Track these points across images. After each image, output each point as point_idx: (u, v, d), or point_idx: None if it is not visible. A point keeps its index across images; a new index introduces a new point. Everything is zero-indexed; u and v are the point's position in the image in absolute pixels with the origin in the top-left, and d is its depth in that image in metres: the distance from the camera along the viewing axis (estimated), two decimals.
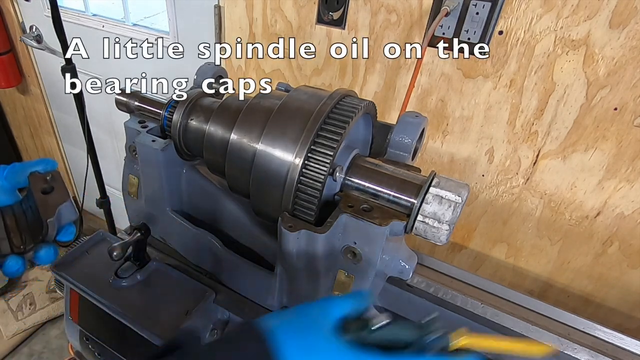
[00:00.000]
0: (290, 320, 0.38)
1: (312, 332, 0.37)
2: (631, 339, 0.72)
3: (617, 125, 0.90)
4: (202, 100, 0.73)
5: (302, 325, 0.38)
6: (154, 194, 0.77)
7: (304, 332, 0.37)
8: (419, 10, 1.00)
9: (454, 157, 1.13)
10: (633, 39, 0.82)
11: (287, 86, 0.71)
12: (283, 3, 1.18)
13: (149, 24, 1.68)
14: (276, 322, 0.37)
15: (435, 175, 0.56)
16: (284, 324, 0.37)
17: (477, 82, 1.01)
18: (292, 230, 0.57)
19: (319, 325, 0.37)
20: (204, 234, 0.76)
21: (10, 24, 1.97)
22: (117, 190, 2.10)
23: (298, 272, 0.64)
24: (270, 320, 0.38)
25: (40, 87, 2.17)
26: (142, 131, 0.73)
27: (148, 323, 0.66)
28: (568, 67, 0.90)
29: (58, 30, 1.29)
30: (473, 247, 1.24)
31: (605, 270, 1.06)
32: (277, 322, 0.37)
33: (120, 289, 0.72)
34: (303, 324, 0.38)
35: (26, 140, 2.55)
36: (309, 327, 0.37)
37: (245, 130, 0.63)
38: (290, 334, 0.36)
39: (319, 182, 0.57)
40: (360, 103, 0.61)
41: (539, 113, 0.97)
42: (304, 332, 0.37)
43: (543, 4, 0.87)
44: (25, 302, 2.19)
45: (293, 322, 0.38)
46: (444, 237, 0.54)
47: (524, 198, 1.08)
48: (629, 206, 0.96)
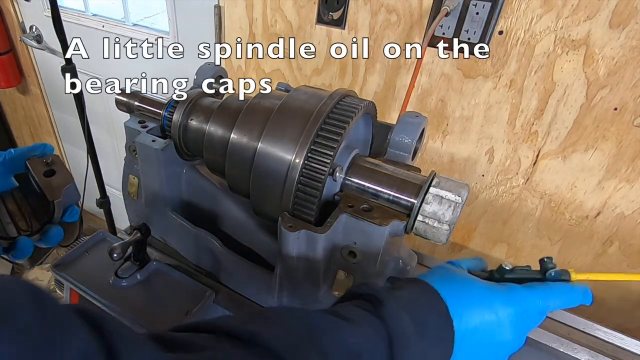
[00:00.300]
0: (445, 279, 0.45)
1: (462, 282, 0.44)
2: (631, 339, 0.72)
3: (617, 125, 0.90)
4: (202, 100, 0.73)
5: (454, 280, 0.45)
6: (154, 194, 0.77)
7: (458, 283, 0.44)
8: (419, 10, 1.00)
9: (454, 157, 1.13)
10: (633, 39, 0.82)
11: (287, 86, 0.71)
12: (283, 3, 1.18)
13: (149, 24, 1.68)
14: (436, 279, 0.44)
15: (435, 175, 0.56)
16: (442, 281, 0.44)
17: (477, 82, 1.01)
18: (292, 230, 0.57)
19: (462, 277, 0.45)
20: (204, 234, 0.76)
21: (10, 24, 1.97)
22: (117, 190, 2.10)
23: (298, 272, 0.64)
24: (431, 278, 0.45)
25: (40, 87, 2.17)
26: (142, 131, 0.73)
27: (148, 323, 0.66)
28: (568, 67, 0.90)
29: (58, 30, 1.29)
30: (473, 247, 1.24)
31: (606, 270, 1.06)
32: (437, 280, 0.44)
33: (120, 289, 0.72)
34: (453, 278, 0.45)
35: (26, 140, 2.55)
36: (458, 280, 0.45)
37: (245, 130, 0.62)
38: (449, 287, 0.43)
39: (319, 182, 0.57)
40: (360, 103, 0.61)
41: (539, 113, 0.97)
42: (458, 283, 0.44)
43: (543, 4, 0.87)
44: None
45: (447, 279, 0.45)
46: (444, 237, 0.54)
47: (524, 198, 1.08)
48: (629, 206, 0.96)
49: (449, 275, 0.45)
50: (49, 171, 0.56)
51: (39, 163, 0.56)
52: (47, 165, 0.56)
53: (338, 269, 0.62)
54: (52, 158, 0.57)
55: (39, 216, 0.55)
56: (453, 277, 0.45)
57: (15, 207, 0.55)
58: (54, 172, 0.56)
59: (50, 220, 0.54)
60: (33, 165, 0.55)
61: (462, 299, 0.42)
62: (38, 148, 0.57)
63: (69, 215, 0.56)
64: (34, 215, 0.55)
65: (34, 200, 0.56)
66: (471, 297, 0.42)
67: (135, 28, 1.63)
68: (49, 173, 0.55)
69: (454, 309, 0.41)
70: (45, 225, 0.54)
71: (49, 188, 0.54)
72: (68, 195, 0.55)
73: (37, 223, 0.55)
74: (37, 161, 0.56)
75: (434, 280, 0.44)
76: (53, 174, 0.56)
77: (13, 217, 0.54)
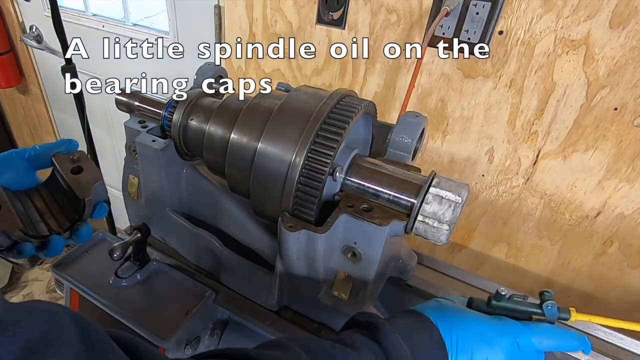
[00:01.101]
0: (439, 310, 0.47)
1: (456, 312, 0.47)
2: (631, 339, 0.72)
3: (617, 125, 0.90)
4: (202, 100, 0.73)
5: (448, 311, 0.47)
6: (154, 194, 0.77)
7: (452, 313, 0.47)
8: (419, 10, 1.00)
9: (454, 157, 1.13)
10: (633, 39, 0.82)
11: (287, 86, 0.71)
12: (283, 3, 1.18)
13: (149, 24, 1.68)
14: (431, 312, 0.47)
15: (435, 175, 0.56)
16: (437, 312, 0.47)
17: (477, 82, 1.01)
18: (292, 230, 0.57)
19: (456, 308, 0.48)
20: (204, 234, 0.76)
21: (10, 24, 1.97)
22: (117, 190, 2.10)
23: (298, 272, 0.64)
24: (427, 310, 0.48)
25: (40, 87, 2.17)
26: (142, 131, 0.73)
27: (148, 323, 0.66)
28: (568, 67, 0.90)
29: (58, 30, 1.29)
30: (473, 247, 1.24)
31: (606, 270, 1.06)
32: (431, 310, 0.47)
33: (120, 289, 0.72)
34: (447, 309, 0.48)
35: (26, 140, 2.55)
36: (452, 311, 0.47)
37: (245, 130, 0.63)
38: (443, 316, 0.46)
39: (319, 182, 0.57)
40: (360, 103, 0.61)
41: (539, 113, 0.97)
42: (452, 313, 0.47)
43: (543, 4, 0.87)
44: None
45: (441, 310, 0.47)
46: (444, 237, 0.54)
47: (524, 198, 1.08)
48: (629, 206, 0.96)
49: (443, 306, 0.48)
50: (76, 168, 0.54)
51: (66, 160, 0.54)
52: (74, 162, 0.54)
53: (338, 269, 0.62)
54: (78, 154, 0.55)
55: (69, 214, 0.54)
56: (447, 308, 0.48)
57: (43, 204, 0.54)
58: (81, 169, 0.54)
59: (80, 218, 0.53)
60: (60, 162, 0.54)
61: (456, 329, 0.44)
62: (63, 144, 0.55)
63: (98, 212, 0.55)
64: (62, 212, 0.54)
65: (61, 198, 0.54)
66: (465, 326, 0.45)
67: (135, 28, 1.63)
68: (76, 170, 0.54)
69: (447, 336, 0.43)
70: (76, 223, 0.53)
71: (78, 185, 0.52)
72: (97, 193, 0.53)
73: (67, 221, 0.53)
74: (63, 158, 0.54)
75: (428, 310, 0.47)
76: (80, 170, 0.54)
77: (42, 215, 0.53)
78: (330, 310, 0.66)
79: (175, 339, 0.66)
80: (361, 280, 0.61)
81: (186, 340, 0.69)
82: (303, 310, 0.72)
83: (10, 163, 0.53)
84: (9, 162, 0.53)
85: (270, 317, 0.71)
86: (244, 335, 0.73)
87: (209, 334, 0.74)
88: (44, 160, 0.55)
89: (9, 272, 2.26)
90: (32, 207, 0.53)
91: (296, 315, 0.72)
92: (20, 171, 0.54)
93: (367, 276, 0.60)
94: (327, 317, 0.70)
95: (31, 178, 0.55)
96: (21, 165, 0.54)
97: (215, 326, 0.74)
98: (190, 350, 0.69)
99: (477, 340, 0.43)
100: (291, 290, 0.69)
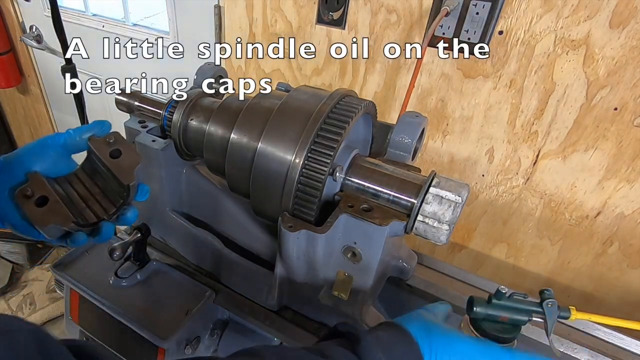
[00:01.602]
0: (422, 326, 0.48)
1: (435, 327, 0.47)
2: (631, 339, 0.72)
3: (617, 125, 0.90)
4: (202, 100, 0.73)
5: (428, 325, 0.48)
6: (154, 194, 0.77)
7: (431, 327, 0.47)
8: (419, 10, 1.00)
9: (454, 157, 1.13)
10: (633, 39, 0.82)
11: (287, 86, 0.71)
12: (283, 3, 1.18)
13: (149, 24, 1.68)
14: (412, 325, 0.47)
15: (435, 175, 0.56)
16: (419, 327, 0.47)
17: (477, 82, 1.01)
18: (292, 230, 0.57)
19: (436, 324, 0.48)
20: (204, 234, 0.76)
21: (10, 24, 1.97)
22: None
23: (298, 272, 0.64)
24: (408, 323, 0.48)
25: (40, 87, 2.17)
26: (142, 131, 0.73)
27: (148, 323, 0.66)
28: (568, 67, 0.90)
29: (58, 30, 1.29)
30: (473, 247, 1.24)
31: (605, 270, 1.06)
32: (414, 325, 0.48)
33: (120, 289, 0.72)
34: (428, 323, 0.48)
35: (26, 140, 2.55)
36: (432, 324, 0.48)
37: (245, 130, 0.62)
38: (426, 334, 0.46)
39: (319, 182, 0.57)
40: (360, 103, 0.61)
41: (539, 113, 0.97)
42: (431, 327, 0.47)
43: (543, 4, 0.87)
44: (26, 302, 2.19)
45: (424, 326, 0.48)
46: (444, 237, 0.54)
47: (524, 198, 1.08)
48: (629, 206, 0.96)
49: (425, 322, 0.49)
50: (114, 151, 0.52)
51: (102, 143, 0.52)
52: (110, 144, 0.52)
53: (338, 269, 0.62)
54: (115, 136, 0.53)
55: (112, 198, 0.52)
56: (430, 324, 0.48)
57: (84, 190, 0.52)
58: (120, 152, 0.52)
59: (125, 202, 0.52)
60: (97, 146, 0.51)
61: (436, 347, 0.45)
62: (97, 126, 0.53)
63: (140, 194, 0.53)
64: (105, 197, 0.52)
65: (102, 181, 0.53)
66: (446, 345, 0.45)
67: (135, 28, 1.63)
68: (115, 154, 0.51)
69: (426, 353, 0.44)
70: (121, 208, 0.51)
71: (120, 171, 0.50)
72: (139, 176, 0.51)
73: (113, 205, 0.51)
74: (99, 141, 0.52)
75: (410, 324, 0.47)
76: (119, 154, 0.52)
77: (86, 202, 0.51)
78: (331, 310, 0.66)
79: (175, 339, 0.66)
80: (361, 280, 0.61)
81: (186, 340, 0.69)
82: (303, 310, 0.72)
83: (46, 150, 0.51)
84: (45, 149, 0.51)
85: (270, 317, 0.71)
86: (244, 335, 0.73)
87: (209, 334, 0.74)
88: (80, 145, 0.52)
89: (9, 272, 2.26)
90: (74, 193, 0.51)
91: (296, 315, 0.72)
92: (58, 158, 0.52)
93: (367, 276, 0.60)
94: (327, 317, 0.70)
95: (68, 163, 0.53)
96: (57, 152, 0.52)
97: (215, 326, 0.74)
98: (190, 350, 0.69)
99: (457, 355, 0.44)
100: (291, 290, 0.69)
